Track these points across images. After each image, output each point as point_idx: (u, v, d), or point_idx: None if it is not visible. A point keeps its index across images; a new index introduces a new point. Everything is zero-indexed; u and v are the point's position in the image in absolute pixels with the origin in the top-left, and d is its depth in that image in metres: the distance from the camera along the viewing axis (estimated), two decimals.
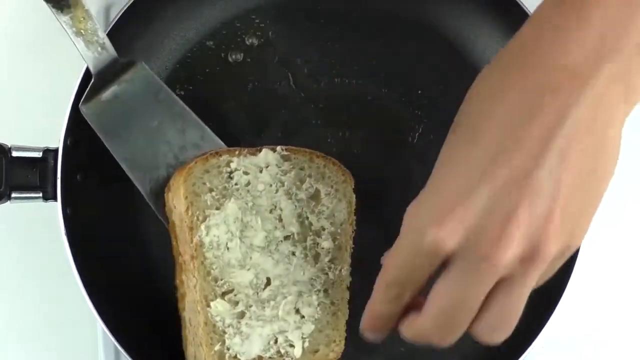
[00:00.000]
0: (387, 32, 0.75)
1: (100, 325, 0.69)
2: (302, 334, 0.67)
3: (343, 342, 0.69)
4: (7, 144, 0.68)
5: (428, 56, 0.75)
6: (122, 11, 0.71)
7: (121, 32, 0.71)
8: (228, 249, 0.65)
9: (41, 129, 0.71)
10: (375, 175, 0.74)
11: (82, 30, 0.67)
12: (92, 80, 0.68)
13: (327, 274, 0.68)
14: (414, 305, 0.56)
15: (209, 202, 0.65)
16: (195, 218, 0.64)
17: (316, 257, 0.67)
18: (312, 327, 0.67)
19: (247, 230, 0.66)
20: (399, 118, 0.75)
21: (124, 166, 0.69)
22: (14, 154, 0.68)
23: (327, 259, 0.67)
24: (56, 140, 0.69)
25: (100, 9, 0.79)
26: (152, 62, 0.74)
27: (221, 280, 0.65)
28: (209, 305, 0.64)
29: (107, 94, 0.68)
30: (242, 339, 0.65)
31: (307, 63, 0.74)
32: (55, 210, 0.68)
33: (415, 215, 0.52)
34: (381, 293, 0.56)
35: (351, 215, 0.68)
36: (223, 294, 0.65)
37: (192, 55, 0.74)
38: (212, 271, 0.65)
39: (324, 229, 0.67)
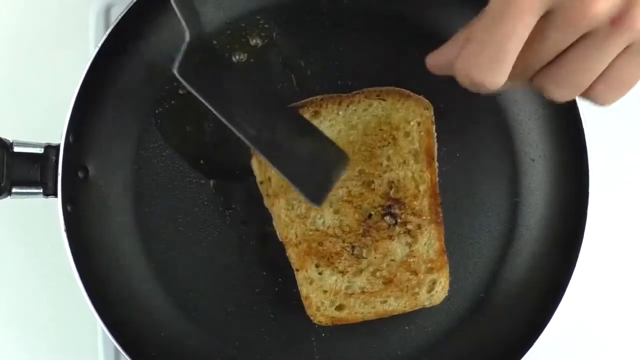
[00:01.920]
0: (391, 35, 0.75)
1: (100, 324, 0.69)
2: None
3: None
4: (9, 139, 0.68)
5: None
6: (126, 10, 0.71)
7: (123, 31, 0.71)
8: None
9: (43, 125, 0.71)
10: None
11: None
12: (186, 43, 0.64)
13: None
14: None
15: None
16: None
17: None
18: None
19: None
20: None
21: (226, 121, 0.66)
22: (16, 149, 0.68)
23: None
24: (58, 136, 0.69)
25: (100, 9, 0.79)
26: (155, 62, 0.74)
27: None
28: None
29: (201, 56, 0.66)
30: None
31: (310, 65, 0.74)
32: (56, 206, 0.68)
33: None
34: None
35: None
36: None
37: None
38: None
39: None
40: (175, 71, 0.63)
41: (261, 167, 0.70)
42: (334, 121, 0.71)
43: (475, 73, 0.55)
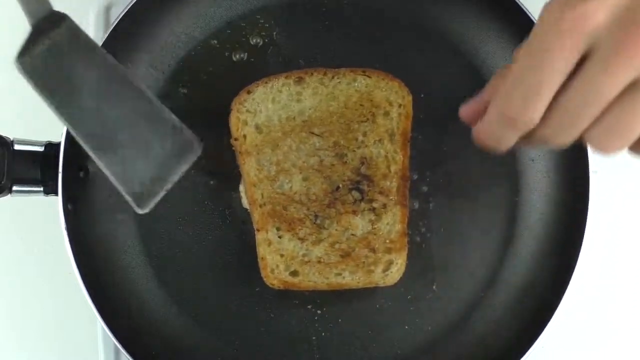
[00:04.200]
0: (391, 34, 0.75)
1: (100, 323, 0.68)
2: None
3: None
4: (10, 137, 0.68)
5: (432, 59, 0.76)
6: (125, 10, 0.71)
7: (124, 30, 0.71)
8: None
9: (44, 123, 0.70)
10: None
11: None
12: (29, 33, 0.64)
13: None
14: None
15: None
16: None
17: None
18: None
19: None
20: None
21: (66, 124, 0.62)
22: (17, 147, 0.68)
23: None
24: (59, 134, 0.69)
25: (100, 9, 0.79)
26: (156, 60, 0.74)
27: None
28: None
29: (40, 48, 0.64)
30: None
31: (310, 64, 0.74)
32: (56, 205, 0.68)
33: (555, 3, 0.49)
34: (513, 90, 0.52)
35: None
36: None
37: (196, 54, 0.74)
38: None
39: None
40: (15, 62, 0.63)
41: (237, 124, 0.71)
42: (317, 90, 0.71)
43: (509, 107, 0.52)
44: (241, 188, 0.73)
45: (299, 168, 0.71)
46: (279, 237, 0.71)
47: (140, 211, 0.62)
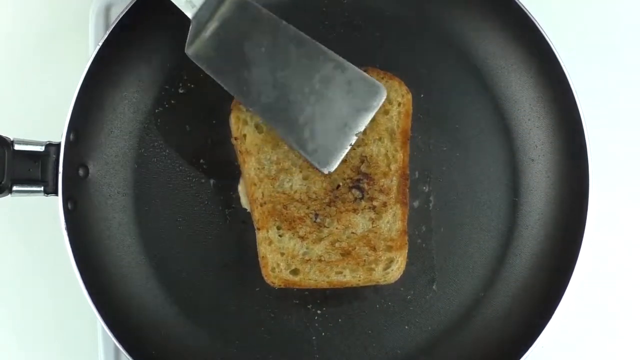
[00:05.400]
0: (391, 34, 0.75)
1: (100, 323, 0.68)
2: None
3: None
4: (10, 137, 0.68)
5: (432, 59, 0.76)
6: (125, 10, 0.71)
7: (123, 30, 0.71)
8: None
9: (44, 123, 0.71)
10: None
11: None
12: (191, 24, 0.66)
13: None
14: None
15: None
16: None
17: None
18: None
19: None
20: None
21: (241, 99, 0.67)
22: (17, 147, 0.68)
23: None
24: (58, 135, 0.69)
25: (100, 9, 0.79)
26: (155, 60, 0.74)
27: None
28: None
29: (208, 32, 0.66)
30: None
31: None
32: (56, 204, 0.68)
33: None
34: None
35: None
36: None
37: None
38: None
39: None
40: (187, 52, 0.65)
41: (237, 123, 0.71)
42: None
43: None
44: (240, 188, 0.73)
45: (299, 167, 0.71)
46: (280, 235, 0.71)
47: (326, 171, 0.67)
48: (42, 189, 0.69)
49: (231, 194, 0.74)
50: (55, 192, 0.68)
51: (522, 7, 0.72)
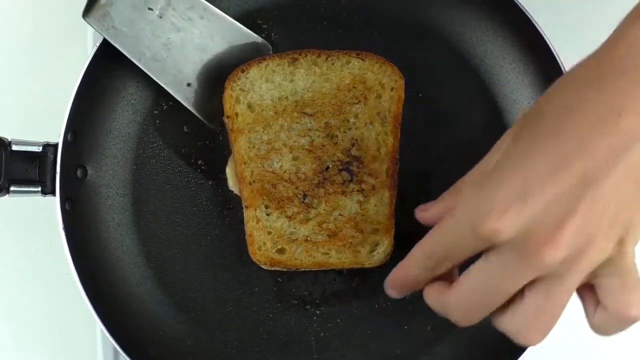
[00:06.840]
0: (389, 35, 0.75)
1: (99, 324, 0.68)
2: None
3: None
4: (8, 137, 0.68)
5: (429, 59, 0.76)
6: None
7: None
8: None
9: (41, 123, 0.71)
10: None
11: None
12: None
13: None
14: (445, 275, 0.56)
15: None
16: None
17: None
18: None
19: None
20: None
21: (142, 67, 0.69)
22: (14, 147, 0.68)
23: None
24: (56, 135, 0.69)
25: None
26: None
27: None
28: None
29: None
30: None
31: None
32: (54, 205, 0.68)
33: (473, 198, 0.52)
34: (417, 260, 0.55)
35: None
36: None
37: None
38: None
39: None
40: (84, 18, 0.66)
41: (230, 101, 0.71)
42: (310, 70, 0.72)
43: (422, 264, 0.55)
44: (228, 170, 0.73)
45: (290, 147, 0.71)
46: (267, 214, 0.71)
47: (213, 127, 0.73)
48: (39, 189, 0.69)
49: (230, 194, 0.74)
50: (53, 193, 0.68)
51: (521, 7, 0.72)
